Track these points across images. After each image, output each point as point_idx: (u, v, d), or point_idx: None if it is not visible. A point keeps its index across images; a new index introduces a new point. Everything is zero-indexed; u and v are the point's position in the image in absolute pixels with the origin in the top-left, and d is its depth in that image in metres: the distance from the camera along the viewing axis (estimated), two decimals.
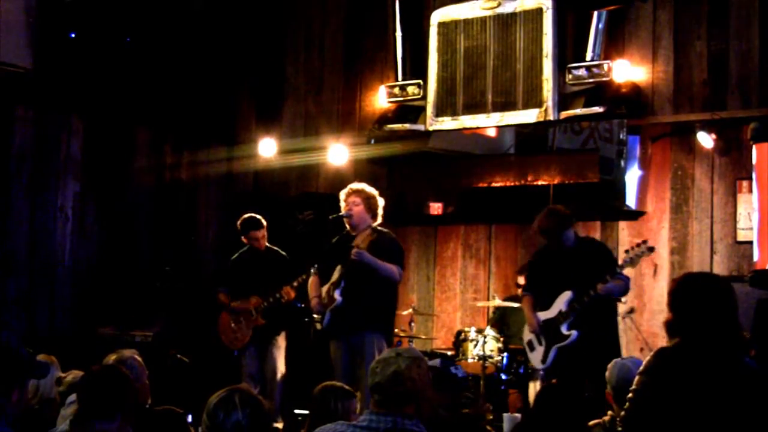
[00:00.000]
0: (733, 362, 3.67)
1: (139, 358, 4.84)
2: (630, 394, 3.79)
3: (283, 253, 8.03)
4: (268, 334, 7.90)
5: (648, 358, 3.80)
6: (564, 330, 6.62)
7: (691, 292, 3.77)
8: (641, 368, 3.80)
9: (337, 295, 6.80)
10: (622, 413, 3.86)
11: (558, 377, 6.57)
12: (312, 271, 7.18)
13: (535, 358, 6.83)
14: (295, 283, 7.63)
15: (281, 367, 7.90)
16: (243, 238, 8.02)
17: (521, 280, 7.89)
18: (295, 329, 8.12)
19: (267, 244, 8.02)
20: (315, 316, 7.38)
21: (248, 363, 7.93)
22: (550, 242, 6.80)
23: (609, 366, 4.75)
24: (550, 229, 6.71)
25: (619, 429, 3.91)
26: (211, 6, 9.56)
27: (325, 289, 6.97)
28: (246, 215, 7.99)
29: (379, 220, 6.95)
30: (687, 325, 3.70)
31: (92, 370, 4.06)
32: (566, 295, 6.65)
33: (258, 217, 7.98)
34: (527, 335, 6.90)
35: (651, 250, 6.48)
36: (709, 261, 7.60)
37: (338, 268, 6.87)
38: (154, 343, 8.08)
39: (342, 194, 6.98)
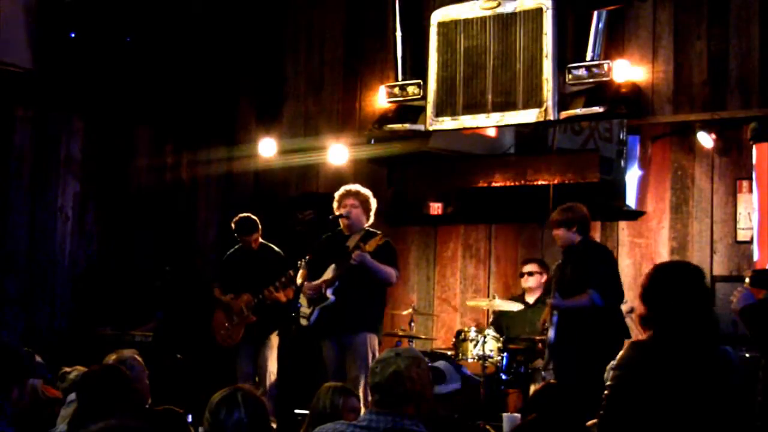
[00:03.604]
0: (710, 351, 3.61)
1: (139, 358, 4.84)
2: (606, 391, 3.69)
3: (278, 249, 7.99)
4: (262, 334, 7.87)
5: (621, 352, 3.73)
6: (550, 333, 6.67)
7: (664, 283, 3.69)
8: (615, 362, 3.71)
9: (329, 293, 6.85)
10: (601, 412, 3.74)
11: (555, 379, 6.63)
12: (301, 264, 7.17)
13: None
14: (277, 284, 7.60)
15: (273, 368, 7.87)
16: (237, 236, 8.01)
17: (526, 268, 7.95)
18: (286, 328, 8.08)
19: (261, 240, 7.99)
20: (303, 311, 7.37)
21: (244, 363, 7.90)
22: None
23: (609, 367, 4.73)
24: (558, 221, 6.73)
25: None
26: (211, 6, 9.55)
27: (315, 284, 6.98)
28: (240, 216, 7.91)
29: (372, 220, 7.04)
30: (662, 316, 3.63)
31: (91, 370, 4.07)
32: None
33: (252, 219, 7.89)
34: None
35: None
36: (709, 261, 7.60)
37: (332, 267, 6.90)
38: (154, 343, 8.07)
39: (337, 194, 7.03)
